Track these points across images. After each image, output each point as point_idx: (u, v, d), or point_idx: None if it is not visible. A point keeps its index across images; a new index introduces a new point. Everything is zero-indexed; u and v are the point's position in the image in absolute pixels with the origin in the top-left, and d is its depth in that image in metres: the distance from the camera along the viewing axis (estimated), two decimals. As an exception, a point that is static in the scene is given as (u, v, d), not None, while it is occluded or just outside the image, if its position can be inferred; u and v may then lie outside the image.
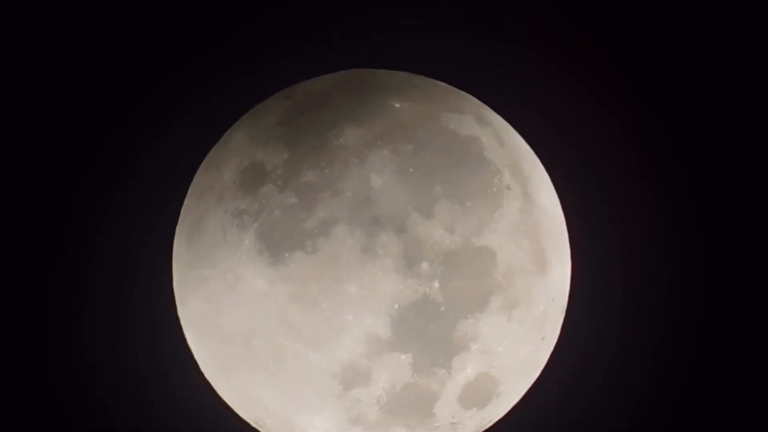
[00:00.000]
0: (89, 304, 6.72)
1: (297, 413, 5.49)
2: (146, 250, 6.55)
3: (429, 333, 5.23)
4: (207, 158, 5.91)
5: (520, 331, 5.49)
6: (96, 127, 6.75)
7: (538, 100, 6.77)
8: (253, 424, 5.87)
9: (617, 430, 6.76)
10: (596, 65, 6.85)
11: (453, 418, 5.56)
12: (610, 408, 6.74)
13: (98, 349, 6.71)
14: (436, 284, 5.19)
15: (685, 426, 6.69)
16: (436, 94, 5.74)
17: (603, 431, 6.75)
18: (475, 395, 5.52)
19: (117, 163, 6.74)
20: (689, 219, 6.85)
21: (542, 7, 6.87)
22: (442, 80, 5.94)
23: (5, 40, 6.66)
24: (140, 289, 6.63)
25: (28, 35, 6.69)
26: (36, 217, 6.71)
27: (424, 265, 5.17)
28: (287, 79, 5.99)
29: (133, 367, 6.70)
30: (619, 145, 6.84)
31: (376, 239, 5.15)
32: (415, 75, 5.92)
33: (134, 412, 6.72)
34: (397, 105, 5.50)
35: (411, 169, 5.25)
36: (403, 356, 5.24)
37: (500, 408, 5.84)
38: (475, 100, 5.90)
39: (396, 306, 5.17)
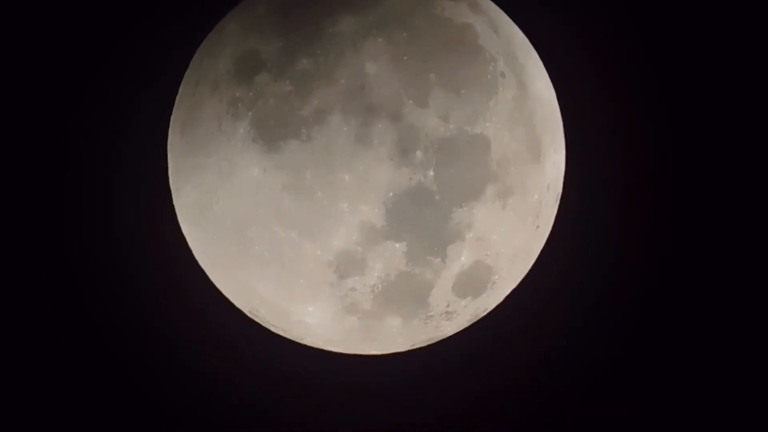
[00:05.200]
0: (85, 194, 6.74)
1: (291, 302, 5.52)
2: (142, 139, 6.54)
3: (423, 221, 5.24)
4: (201, 47, 5.86)
5: (515, 219, 5.50)
6: (91, 20, 6.71)
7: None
8: (248, 313, 5.92)
9: (611, 317, 6.82)
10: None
11: (448, 306, 5.59)
12: (604, 296, 6.78)
13: (93, 238, 6.74)
14: (431, 172, 5.18)
15: (680, 311, 6.74)
16: (431, -19, 5.67)
17: (597, 319, 6.81)
18: (470, 284, 5.55)
19: (111, 54, 6.71)
20: (684, 106, 6.83)
21: None
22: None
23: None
24: (136, 179, 6.63)
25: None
26: (32, 114, 6.71)
27: (419, 153, 5.16)
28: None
29: (129, 257, 6.74)
30: (615, 33, 6.79)
31: (371, 128, 5.13)
32: (410, -38, 5.85)
33: (130, 301, 6.77)
34: (392, -7, 5.45)
35: (405, 57, 5.22)
36: (397, 245, 5.26)
37: (495, 296, 5.88)
38: (469, -14, 5.83)
39: (390, 194, 5.17)
